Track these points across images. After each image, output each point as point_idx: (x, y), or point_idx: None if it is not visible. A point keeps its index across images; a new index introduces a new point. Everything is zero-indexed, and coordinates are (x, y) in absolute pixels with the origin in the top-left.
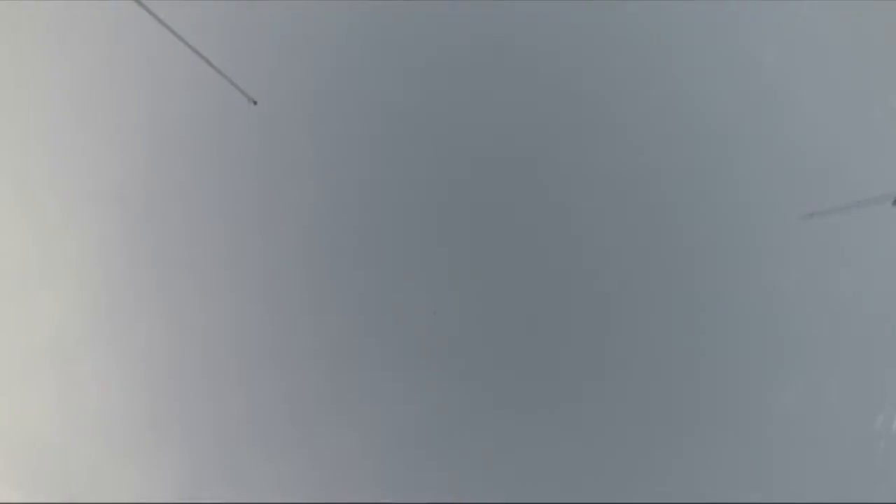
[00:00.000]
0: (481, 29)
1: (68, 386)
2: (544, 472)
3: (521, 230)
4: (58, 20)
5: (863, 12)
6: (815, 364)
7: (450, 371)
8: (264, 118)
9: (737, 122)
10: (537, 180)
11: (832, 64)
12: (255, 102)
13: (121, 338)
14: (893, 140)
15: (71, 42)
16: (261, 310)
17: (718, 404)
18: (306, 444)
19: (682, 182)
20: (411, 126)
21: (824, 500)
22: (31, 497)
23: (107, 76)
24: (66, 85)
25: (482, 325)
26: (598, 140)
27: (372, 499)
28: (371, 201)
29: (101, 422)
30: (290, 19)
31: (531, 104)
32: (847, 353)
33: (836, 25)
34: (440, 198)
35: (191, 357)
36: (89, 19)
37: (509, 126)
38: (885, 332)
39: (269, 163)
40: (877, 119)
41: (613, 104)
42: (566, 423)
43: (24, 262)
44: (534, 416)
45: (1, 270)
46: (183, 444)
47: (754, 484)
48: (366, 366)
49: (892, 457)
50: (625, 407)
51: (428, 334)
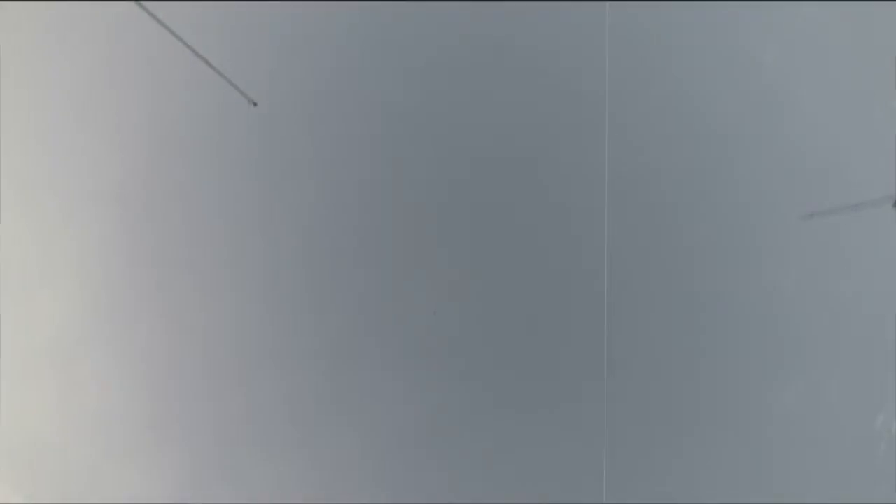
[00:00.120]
0: (481, 29)
1: (68, 386)
2: (544, 472)
3: (521, 230)
4: (58, 20)
5: (863, 12)
6: (815, 364)
7: (450, 371)
8: (264, 119)
9: (737, 122)
10: (537, 180)
11: (832, 64)
12: (256, 103)
13: (121, 338)
14: (893, 140)
15: (71, 42)
16: (261, 310)
17: (718, 404)
18: (306, 444)
19: (681, 182)
20: (411, 126)
21: (824, 500)
22: (31, 497)
23: (107, 76)
24: (65, 85)
25: (482, 325)
26: (598, 140)
27: (372, 499)
28: (371, 201)
29: (101, 422)
30: (290, 20)
31: (531, 104)
32: (847, 353)
33: (836, 25)
34: (440, 198)
35: (191, 357)
36: (89, 19)
37: (509, 126)
38: (885, 332)
39: (269, 163)
40: (877, 119)
41: (613, 104)
42: (566, 423)
43: (24, 261)
44: (534, 417)
45: (0, 270)
46: (183, 444)
47: (754, 484)
48: (366, 366)
49: (892, 457)
50: (625, 407)
51: (428, 334)
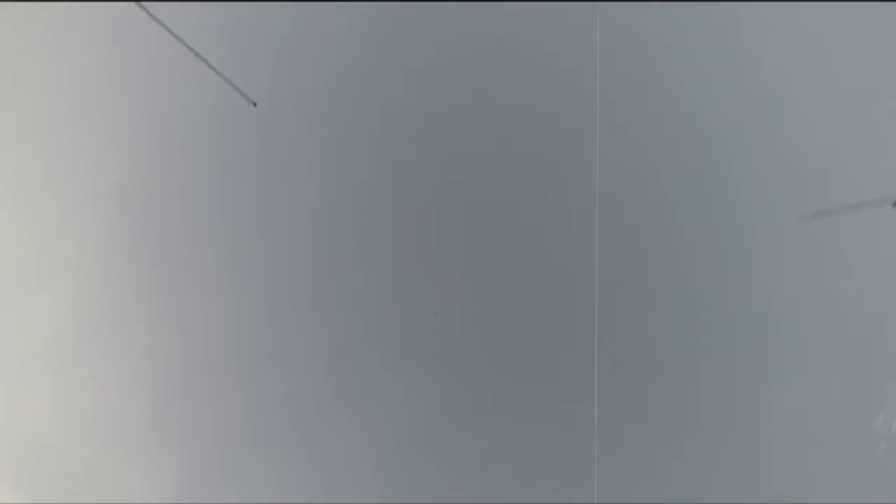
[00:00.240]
0: (482, 29)
1: (67, 386)
2: (544, 472)
3: (521, 230)
4: (57, 20)
5: (863, 12)
6: (815, 364)
7: (449, 371)
8: (264, 119)
9: (737, 122)
10: (537, 180)
11: (832, 64)
12: (255, 104)
13: (120, 338)
14: (893, 140)
15: (70, 42)
16: (261, 310)
17: (718, 404)
18: (306, 444)
19: (681, 182)
20: (411, 126)
21: (824, 501)
22: (31, 497)
23: (106, 76)
24: (64, 85)
25: (482, 326)
26: (595, 140)
27: (371, 499)
28: (371, 201)
29: (100, 422)
30: (289, 20)
31: (531, 104)
32: (847, 354)
33: (836, 25)
34: (440, 198)
35: (191, 357)
36: (88, 19)
37: (509, 126)
38: (885, 332)
39: (269, 164)
40: (877, 119)
41: (613, 104)
42: (566, 423)
43: (23, 262)
44: (534, 417)
45: None
46: (183, 444)
47: (754, 484)
48: (366, 366)
49: (892, 457)
50: (625, 407)
51: (428, 334)
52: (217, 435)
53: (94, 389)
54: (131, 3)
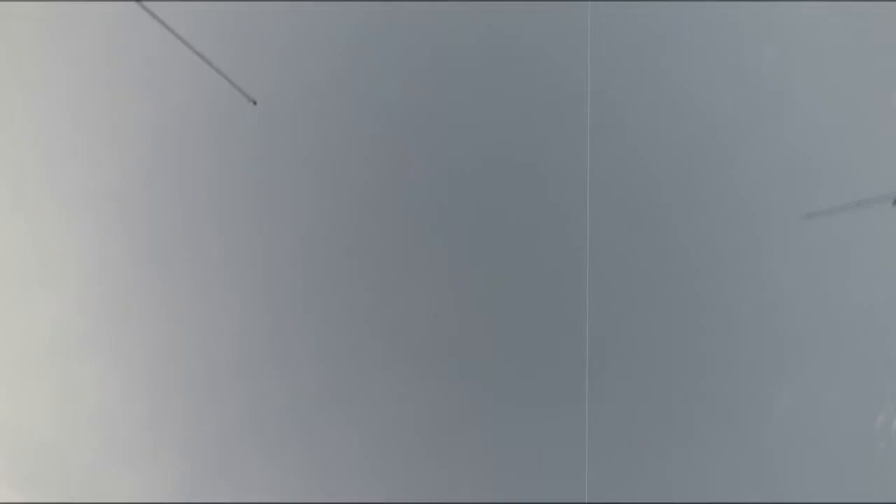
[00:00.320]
0: (482, 29)
1: (67, 386)
2: (544, 472)
3: (520, 230)
4: (57, 20)
5: (863, 12)
6: (815, 364)
7: (450, 371)
8: (264, 118)
9: (737, 122)
10: (537, 180)
11: (832, 64)
12: (255, 102)
13: (120, 338)
14: (893, 140)
15: (70, 41)
16: (261, 310)
17: (718, 404)
18: (306, 444)
19: (681, 182)
20: (411, 126)
21: (824, 500)
22: (31, 498)
23: (106, 75)
24: (64, 84)
25: (482, 326)
26: (596, 140)
27: (372, 497)
28: (371, 201)
29: (101, 422)
30: (290, 19)
31: (531, 104)
32: (847, 353)
33: (836, 25)
34: (440, 198)
35: (191, 357)
36: (89, 19)
37: (509, 126)
38: (885, 332)
39: (270, 162)
40: (877, 119)
41: (612, 104)
42: (566, 423)
43: (23, 261)
44: (534, 417)
45: None
46: (183, 445)
47: (754, 484)
48: (366, 366)
49: (893, 457)
50: (624, 407)
51: (428, 335)
52: (217, 435)
53: (95, 389)
54: (132, 2)
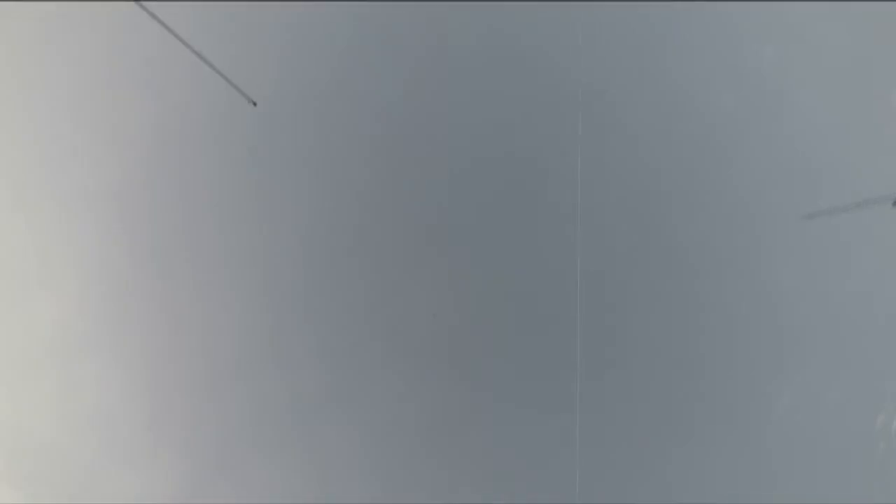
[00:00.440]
0: (482, 29)
1: (67, 386)
2: (544, 472)
3: (520, 230)
4: (57, 20)
5: (863, 12)
6: (815, 364)
7: (450, 371)
8: (264, 119)
9: (737, 122)
10: (537, 180)
11: (832, 64)
12: (255, 103)
13: (120, 338)
14: (893, 140)
15: (70, 42)
16: (261, 310)
17: (718, 404)
18: (306, 445)
19: (681, 182)
20: (411, 126)
21: (824, 500)
22: (31, 498)
23: (106, 76)
24: (64, 85)
25: (482, 326)
26: (597, 140)
27: (371, 497)
28: (371, 201)
29: (101, 422)
30: (290, 19)
31: (531, 104)
32: (847, 353)
33: (836, 25)
34: (440, 198)
35: (190, 357)
36: (89, 19)
37: (509, 126)
38: (885, 332)
39: (269, 164)
40: (877, 119)
41: (612, 104)
42: (566, 423)
43: (23, 261)
44: (534, 417)
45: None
46: (183, 444)
47: (754, 483)
48: (366, 366)
49: (893, 457)
50: (624, 407)
51: (428, 335)
52: (217, 435)
53: (95, 389)
54: (132, 2)
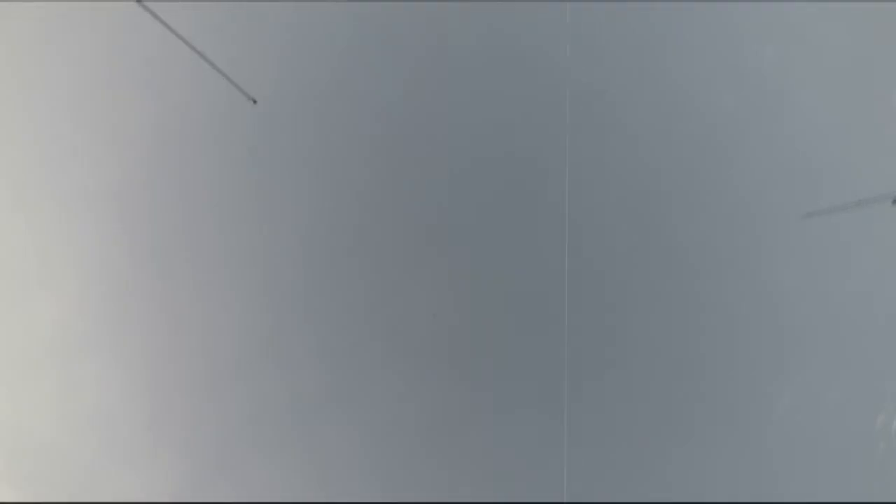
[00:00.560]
0: (483, 29)
1: (67, 386)
2: (544, 472)
3: (520, 230)
4: (58, 20)
5: (863, 12)
6: (815, 364)
7: (450, 371)
8: (264, 117)
9: (736, 122)
10: (537, 180)
11: (832, 64)
12: (255, 101)
13: (120, 338)
14: (893, 140)
15: (70, 41)
16: (261, 310)
17: (718, 404)
18: (306, 444)
19: (681, 182)
20: (412, 125)
21: (824, 500)
22: (31, 497)
23: (106, 75)
24: (64, 85)
25: (482, 326)
26: (597, 140)
27: (371, 498)
28: (371, 201)
29: (101, 422)
30: (290, 18)
31: (531, 104)
32: (847, 353)
33: (836, 25)
34: (440, 198)
35: (190, 357)
36: (89, 19)
37: (509, 126)
38: (885, 332)
39: (269, 163)
40: (877, 119)
41: (612, 104)
42: (566, 423)
43: (23, 261)
44: (533, 417)
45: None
46: (183, 444)
47: (754, 483)
48: (365, 366)
49: (893, 457)
50: (623, 407)
51: (428, 335)
52: (217, 435)
53: (94, 389)
54: (132, 1)
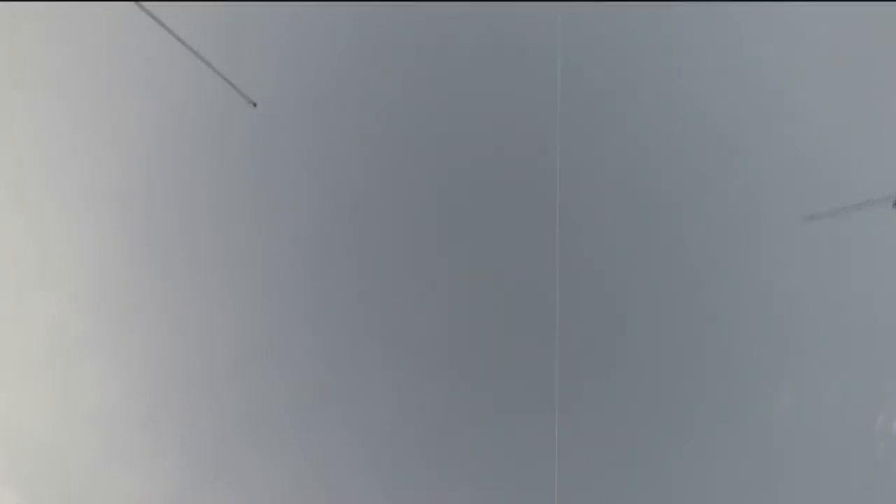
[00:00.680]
0: (482, 29)
1: (67, 386)
2: (543, 472)
3: (521, 231)
4: (58, 20)
5: (863, 12)
6: (816, 364)
7: (449, 371)
8: (264, 120)
9: (737, 123)
10: (538, 181)
11: (832, 64)
12: (255, 104)
13: (119, 338)
14: (893, 140)
15: (70, 42)
16: (259, 310)
17: (718, 405)
18: (304, 444)
19: (682, 183)
20: (411, 127)
21: (824, 500)
22: (31, 498)
23: (106, 76)
24: (64, 85)
25: (481, 326)
26: (598, 140)
27: (370, 499)
28: (370, 202)
29: (100, 422)
30: (290, 21)
31: (531, 104)
32: (847, 353)
33: (837, 25)
34: (440, 198)
35: (189, 357)
36: (88, 19)
37: (509, 127)
38: (885, 332)
39: (269, 164)
40: (877, 119)
41: (613, 104)
42: (566, 423)
43: (23, 261)
44: (533, 417)
45: None
46: (181, 444)
47: (754, 483)
48: (364, 366)
49: (893, 457)
50: (624, 407)
51: (428, 335)
52: (215, 434)
53: (93, 389)
54: (131, 3)
